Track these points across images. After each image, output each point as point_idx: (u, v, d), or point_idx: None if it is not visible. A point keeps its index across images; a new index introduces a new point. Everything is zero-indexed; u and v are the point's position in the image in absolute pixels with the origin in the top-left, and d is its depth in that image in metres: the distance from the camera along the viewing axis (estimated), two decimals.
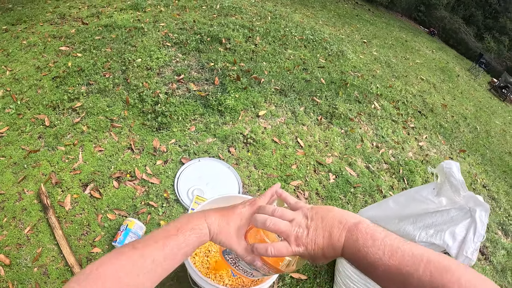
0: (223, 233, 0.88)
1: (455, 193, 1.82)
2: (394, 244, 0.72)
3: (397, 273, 0.69)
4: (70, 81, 3.87)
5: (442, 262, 0.67)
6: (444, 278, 0.63)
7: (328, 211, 0.83)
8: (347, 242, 0.77)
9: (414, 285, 0.67)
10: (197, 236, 0.85)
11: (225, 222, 0.89)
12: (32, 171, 2.88)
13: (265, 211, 0.87)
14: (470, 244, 1.63)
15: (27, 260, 2.32)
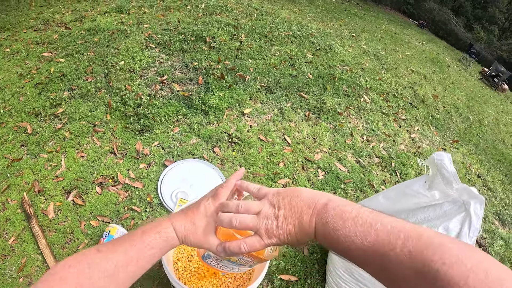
0: (191, 234, 0.86)
1: (447, 185, 1.75)
2: (367, 223, 0.68)
3: (372, 254, 0.65)
4: (52, 87, 3.82)
5: (422, 238, 0.61)
6: (425, 256, 0.58)
7: (295, 195, 0.79)
8: (317, 227, 0.75)
9: (392, 266, 0.62)
10: (164, 239, 0.83)
11: (190, 222, 0.87)
12: (15, 180, 2.83)
13: (228, 208, 0.84)
14: (465, 240, 1.57)
15: (12, 270, 2.28)
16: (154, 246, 0.82)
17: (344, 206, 0.73)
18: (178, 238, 0.85)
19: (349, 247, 0.68)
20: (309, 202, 0.77)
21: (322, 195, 0.78)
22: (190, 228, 0.86)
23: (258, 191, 0.87)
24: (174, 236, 0.85)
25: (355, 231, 0.67)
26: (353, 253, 0.69)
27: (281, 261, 2.63)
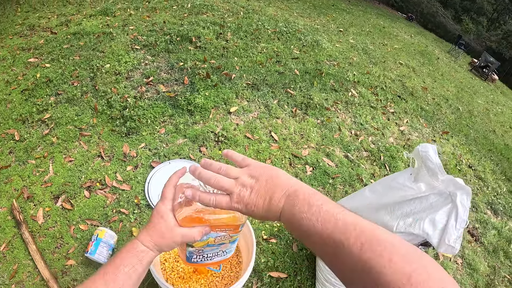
0: (158, 239, 0.90)
1: (433, 177, 1.75)
2: (330, 211, 0.71)
3: (329, 241, 0.68)
4: (39, 92, 3.81)
5: (376, 234, 0.64)
6: (375, 251, 0.60)
7: (274, 175, 0.84)
8: (285, 207, 0.78)
9: (344, 255, 0.65)
10: (135, 256, 0.88)
11: (153, 230, 0.91)
12: (4, 187, 2.83)
13: (211, 167, 0.88)
14: (452, 231, 1.56)
15: (4, 277, 2.28)
16: (127, 264, 0.85)
17: (314, 195, 0.77)
18: (150, 249, 0.89)
19: (310, 231, 0.71)
20: (284, 184, 0.81)
21: (296, 182, 0.83)
22: (154, 234, 0.90)
23: (242, 160, 0.90)
24: (143, 249, 0.88)
25: (318, 217, 0.71)
26: (312, 238, 0.72)
27: (270, 258, 2.65)
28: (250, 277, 2.52)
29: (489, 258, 3.52)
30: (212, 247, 1.06)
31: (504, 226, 3.98)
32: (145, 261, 0.88)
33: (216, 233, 0.99)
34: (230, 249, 1.17)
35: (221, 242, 1.05)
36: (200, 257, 1.11)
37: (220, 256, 1.16)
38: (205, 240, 1.00)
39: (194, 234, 0.90)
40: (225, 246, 1.11)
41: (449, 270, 3.14)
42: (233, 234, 1.05)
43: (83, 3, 6.71)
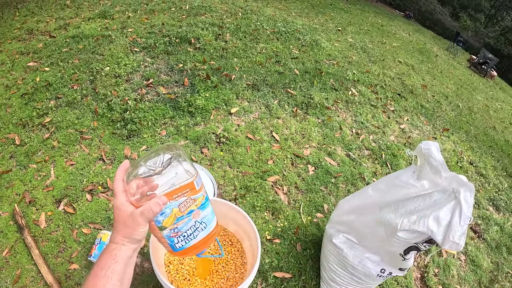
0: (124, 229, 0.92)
1: (436, 174, 1.75)
2: None
3: None
4: (39, 96, 3.82)
5: None
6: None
7: None
8: None
9: None
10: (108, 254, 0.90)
11: (116, 224, 0.93)
12: (6, 192, 2.84)
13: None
14: (457, 228, 1.55)
15: (7, 283, 2.29)
16: (104, 267, 0.87)
17: None
18: (120, 243, 0.91)
19: None
20: None
21: None
22: (118, 227, 0.92)
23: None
24: (114, 246, 0.91)
25: None
26: None
27: (274, 259, 2.65)
28: (255, 278, 2.52)
29: (492, 254, 3.52)
30: (183, 219, 1.02)
31: (507, 222, 3.98)
32: (119, 258, 0.89)
33: (176, 201, 0.97)
34: (206, 218, 1.11)
35: (189, 210, 1.02)
36: (182, 238, 1.07)
37: (201, 230, 1.11)
38: (170, 213, 0.98)
39: (152, 206, 0.89)
40: (197, 214, 1.06)
41: (453, 267, 3.14)
42: (195, 196, 1.01)
43: (81, 7, 6.71)
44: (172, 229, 1.02)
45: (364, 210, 2.13)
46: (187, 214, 1.02)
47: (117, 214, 0.91)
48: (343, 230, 2.28)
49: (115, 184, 0.93)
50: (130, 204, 0.91)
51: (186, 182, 0.96)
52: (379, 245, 2.00)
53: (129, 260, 0.92)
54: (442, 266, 3.09)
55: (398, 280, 2.83)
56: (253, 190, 3.15)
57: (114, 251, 0.89)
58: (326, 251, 2.42)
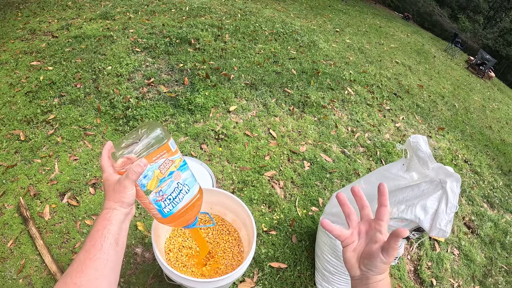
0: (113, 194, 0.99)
1: (423, 166, 1.81)
2: None
3: None
4: (43, 94, 3.88)
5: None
6: None
7: None
8: None
9: None
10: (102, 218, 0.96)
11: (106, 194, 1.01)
12: (11, 185, 2.89)
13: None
14: (443, 216, 1.62)
15: (12, 272, 2.33)
16: (100, 228, 0.94)
17: None
18: (112, 208, 0.97)
19: None
20: None
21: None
22: (109, 194, 0.99)
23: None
24: (107, 210, 0.97)
25: None
26: None
27: (270, 249, 2.73)
28: (252, 267, 2.59)
29: (486, 249, 3.59)
30: (165, 181, 1.11)
31: (501, 219, 4.06)
32: (114, 220, 0.95)
33: (156, 163, 1.06)
34: (188, 181, 1.21)
35: (170, 171, 1.12)
36: (168, 201, 1.15)
37: (186, 193, 1.20)
38: (152, 176, 1.07)
39: (133, 168, 0.96)
40: (178, 175, 1.15)
41: (446, 260, 3.22)
42: (172, 157, 1.12)
43: (83, 8, 6.76)
44: (157, 192, 1.11)
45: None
46: (168, 175, 1.12)
47: (107, 184, 1.00)
48: (336, 221, 2.34)
49: (102, 160, 1.03)
50: (116, 173, 1.01)
51: (161, 144, 1.06)
52: None
53: (122, 224, 0.97)
54: (435, 259, 3.17)
55: (392, 272, 2.90)
56: (250, 184, 3.23)
57: (107, 215, 0.95)
58: (320, 242, 2.49)
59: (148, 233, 2.65)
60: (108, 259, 0.91)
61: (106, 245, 0.91)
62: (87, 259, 0.88)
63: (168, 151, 1.09)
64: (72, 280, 0.84)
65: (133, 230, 2.67)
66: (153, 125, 1.08)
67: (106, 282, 0.90)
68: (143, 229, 2.66)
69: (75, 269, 0.86)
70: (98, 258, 0.89)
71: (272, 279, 2.58)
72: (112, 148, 1.06)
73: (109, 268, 0.91)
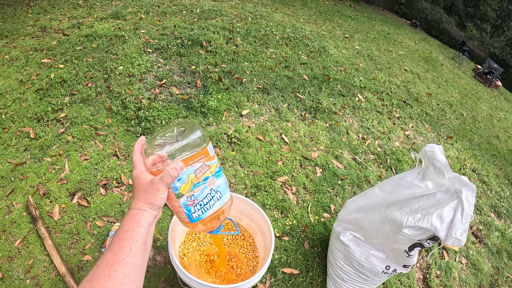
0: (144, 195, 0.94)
1: (439, 175, 1.82)
2: None
3: None
4: (53, 92, 3.86)
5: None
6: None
7: None
8: None
9: None
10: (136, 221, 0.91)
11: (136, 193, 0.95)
12: (20, 183, 2.86)
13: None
14: (459, 225, 1.61)
15: (19, 272, 2.31)
16: (129, 229, 0.89)
17: None
18: (142, 209, 0.93)
19: None
20: None
21: None
22: (139, 194, 0.94)
23: None
24: (137, 211, 0.92)
25: None
26: None
27: (283, 255, 2.71)
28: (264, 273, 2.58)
29: (493, 259, 3.58)
30: (199, 186, 1.07)
31: (508, 229, 4.05)
32: (143, 222, 0.91)
33: (192, 167, 1.01)
34: (221, 188, 1.16)
35: (205, 177, 1.07)
36: (198, 206, 1.11)
37: (217, 200, 1.15)
38: (187, 179, 1.02)
39: (170, 171, 0.92)
40: (213, 181, 1.11)
41: (454, 269, 3.20)
42: (209, 162, 1.06)
43: (94, 7, 6.78)
44: (189, 196, 1.06)
45: (370, 208, 2.18)
46: (203, 181, 1.07)
47: (137, 183, 0.94)
48: (350, 228, 2.33)
49: (134, 156, 0.98)
50: (148, 173, 0.95)
51: (200, 148, 1.00)
52: (385, 242, 2.05)
53: (150, 226, 0.94)
54: (444, 268, 3.15)
55: (402, 280, 2.88)
56: (263, 189, 3.21)
57: (137, 216, 0.91)
58: (333, 248, 2.48)
59: (160, 236, 2.62)
60: (136, 263, 0.88)
61: (135, 248, 0.88)
62: (116, 263, 0.85)
63: (206, 155, 1.05)
64: (100, 284, 0.81)
65: None
66: (192, 125, 1.03)
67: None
68: (155, 232, 2.64)
69: (102, 272, 0.83)
70: (127, 262, 0.86)
71: (284, 285, 2.56)
72: (145, 144, 1.00)
73: (136, 273, 0.89)
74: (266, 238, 2.04)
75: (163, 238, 2.61)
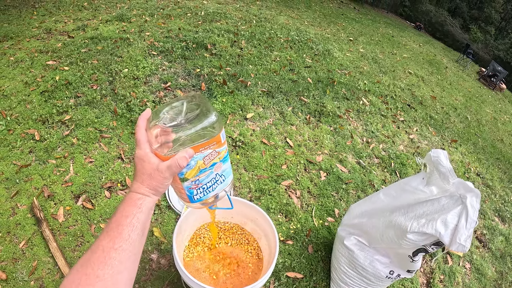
0: (149, 180, 0.90)
1: (444, 181, 1.82)
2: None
3: None
4: (58, 94, 3.87)
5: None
6: None
7: None
8: None
9: None
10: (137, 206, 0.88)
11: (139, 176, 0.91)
12: (24, 185, 2.87)
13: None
14: (463, 231, 1.61)
15: (23, 274, 2.31)
16: (129, 215, 0.86)
17: None
18: (145, 195, 0.90)
19: None
20: None
21: None
22: (143, 178, 0.90)
23: None
24: (139, 196, 0.89)
25: None
26: None
27: (287, 259, 2.70)
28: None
29: (497, 263, 3.56)
30: (205, 172, 1.03)
31: None
32: (144, 208, 0.88)
33: (202, 153, 0.96)
34: (226, 171, 1.13)
35: (213, 163, 1.03)
36: (201, 190, 1.07)
37: (220, 183, 1.12)
38: (194, 166, 0.98)
39: (179, 161, 0.88)
40: (219, 167, 1.07)
41: (458, 274, 3.19)
42: (219, 149, 1.02)
43: (99, 9, 6.80)
44: (193, 181, 1.03)
45: (375, 213, 2.18)
46: (210, 167, 1.03)
47: (141, 165, 0.90)
48: (355, 232, 2.33)
49: (138, 133, 0.91)
50: (154, 155, 0.90)
51: (213, 136, 0.95)
52: (389, 247, 2.05)
53: (150, 211, 0.91)
54: (448, 273, 3.13)
55: (405, 285, 2.87)
56: (267, 193, 3.21)
57: (139, 201, 0.88)
58: (337, 253, 2.47)
59: (164, 239, 2.63)
60: (133, 251, 0.85)
61: (133, 235, 0.85)
62: (112, 249, 0.82)
63: (218, 142, 0.99)
64: (94, 271, 0.79)
65: (149, 236, 2.63)
66: (205, 105, 0.95)
67: (128, 276, 0.85)
68: (159, 235, 2.64)
69: (98, 259, 0.80)
70: (124, 250, 0.83)
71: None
72: (150, 118, 0.94)
73: (132, 261, 0.86)
74: (271, 243, 2.05)
75: (167, 241, 2.62)
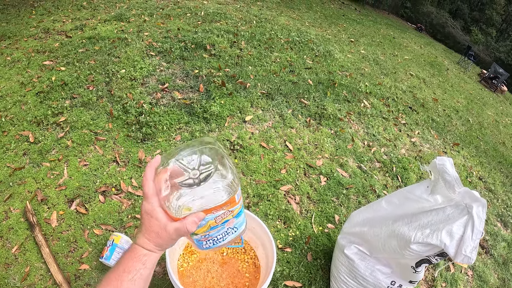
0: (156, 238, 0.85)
1: (449, 190, 1.76)
2: None
3: None
4: (54, 95, 3.83)
5: None
6: None
7: None
8: None
9: None
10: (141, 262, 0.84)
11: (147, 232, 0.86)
12: (18, 189, 2.83)
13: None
14: (469, 242, 1.57)
15: (15, 279, 2.28)
16: (131, 270, 0.83)
17: None
18: (151, 251, 0.86)
19: None
20: None
21: None
22: (151, 235, 0.85)
23: None
24: (145, 252, 0.85)
25: None
26: None
27: (285, 268, 2.65)
28: None
29: (499, 270, 3.52)
30: (216, 228, 0.95)
31: None
32: (148, 264, 0.85)
33: (213, 214, 0.88)
34: (238, 224, 1.03)
35: (224, 220, 0.94)
36: (211, 241, 1.00)
37: (231, 234, 1.03)
38: (205, 224, 0.90)
39: (187, 226, 0.82)
40: (231, 222, 0.98)
41: (460, 281, 3.14)
42: (233, 208, 0.92)
43: (98, 8, 6.76)
44: (203, 235, 0.96)
45: (377, 222, 2.13)
46: (221, 224, 0.96)
47: (149, 221, 0.84)
48: (355, 241, 2.28)
49: (145, 185, 0.84)
50: (162, 211, 0.83)
51: (228, 198, 0.87)
52: (391, 257, 2.01)
53: (154, 266, 0.88)
54: (450, 280, 3.08)
55: None
56: (266, 199, 3.16)
57: (144, 257, 0.84)
58: (337, 262, 2.42)
59: None
60: None
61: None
62: None
63: (232, 202, 0.90)
64: None
65: None
66: (221, 160, 0.86)
67: None
68: None
69: None
70: None
71: None
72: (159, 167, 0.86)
73: None
74: (268, 252, 1.99)
75: None
